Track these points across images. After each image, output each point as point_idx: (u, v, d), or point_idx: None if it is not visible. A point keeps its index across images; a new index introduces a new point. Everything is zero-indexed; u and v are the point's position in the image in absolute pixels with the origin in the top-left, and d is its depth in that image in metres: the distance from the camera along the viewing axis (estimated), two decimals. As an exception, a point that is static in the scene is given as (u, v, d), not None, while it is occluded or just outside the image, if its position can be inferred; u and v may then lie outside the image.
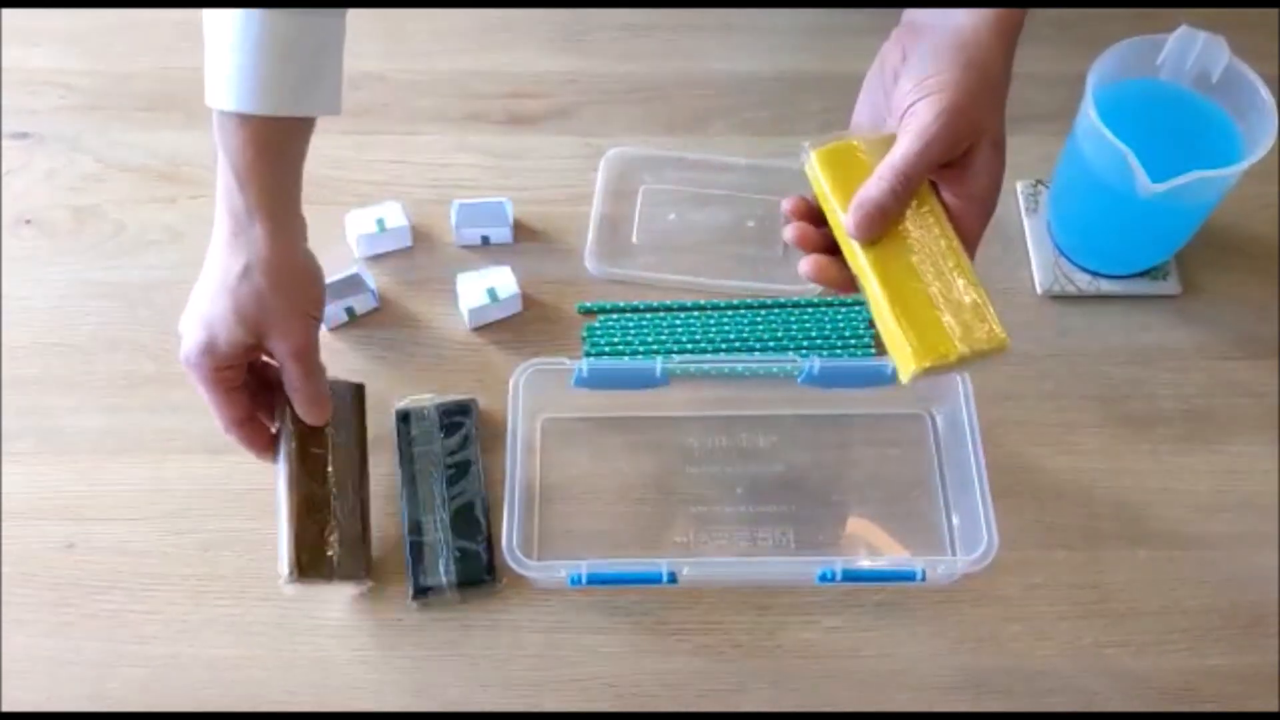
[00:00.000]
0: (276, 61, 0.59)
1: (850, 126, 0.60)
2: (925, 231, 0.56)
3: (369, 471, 0.71)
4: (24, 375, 0.76)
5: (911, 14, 0.59)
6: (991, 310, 0.55)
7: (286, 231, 0.64)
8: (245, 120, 0.60)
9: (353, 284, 0.78)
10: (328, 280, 0.77)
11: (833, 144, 0.58)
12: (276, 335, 0.64)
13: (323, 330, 0.78)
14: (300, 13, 0.59)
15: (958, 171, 0.56)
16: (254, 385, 0.67)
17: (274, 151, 0.61)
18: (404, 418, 0.74)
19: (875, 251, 0.56)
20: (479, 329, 0.79)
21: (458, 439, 0.73)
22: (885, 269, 0.56)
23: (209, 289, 0.63)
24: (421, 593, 0.68)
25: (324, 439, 0.69)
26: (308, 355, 0.66)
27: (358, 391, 0.72)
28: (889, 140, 0.56)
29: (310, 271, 0.66)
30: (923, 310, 0.55)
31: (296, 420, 0.67)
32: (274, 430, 0.68)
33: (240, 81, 0.59)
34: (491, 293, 0.78)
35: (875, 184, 0.55)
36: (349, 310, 0.78)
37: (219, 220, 0.63)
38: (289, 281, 0.64)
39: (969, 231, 0.57)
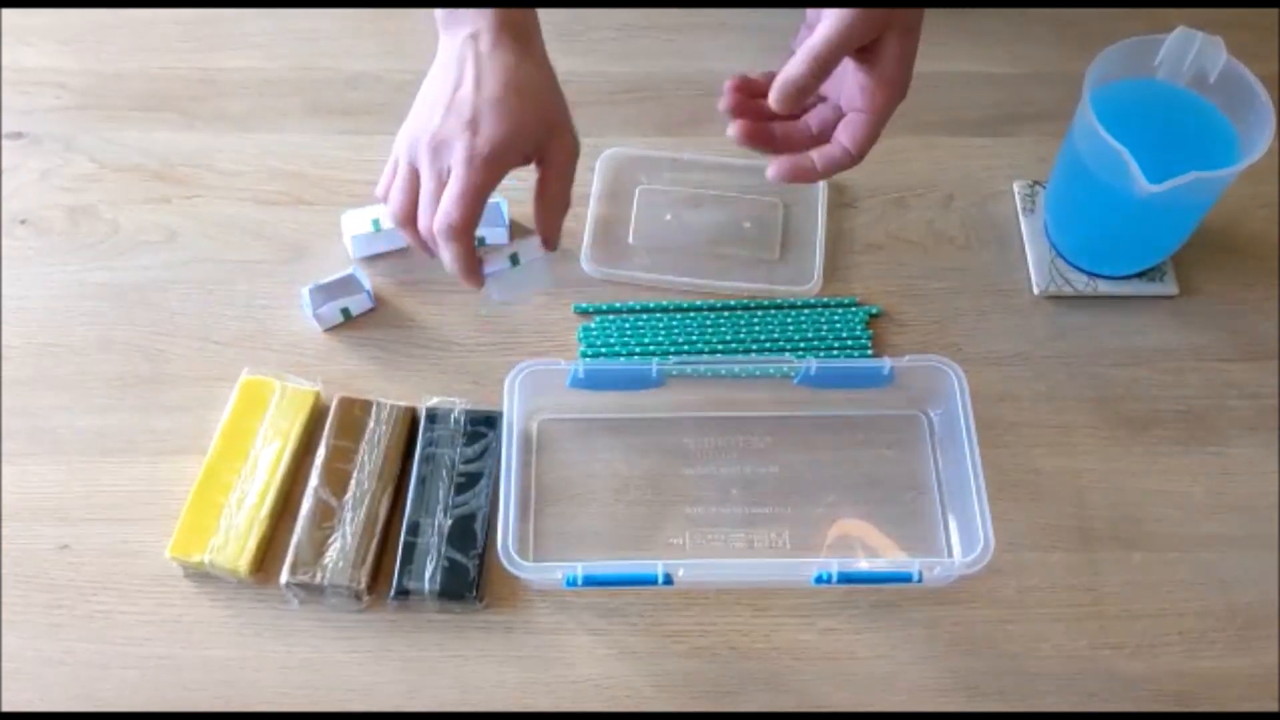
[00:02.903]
0: None
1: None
2: (266, 458, 0.71)
3: (404, 494, 0.71)
4: (18, 376, 0.76)
5: None
6: (254, 543, 0.68)
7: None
8: None
9: (348, 284, 0.78)
10: (321, 281, 0.78)
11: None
12: (565, 137, 0.69)
13: (318, 331, 0.78)
14: None
15: (870, 55, 0.64)
16: None
17: None
18: (431, 417, 0.73)
19: (220, 449, 0.71)
20: (470, 326, 0.79)
21: (477, 449, 0.73)
22: (215, 466, 0.71)
23: (498, 91, 0.66)
24: (402, 594, 0.68)
25: (354, 457, 0.71)
26: (574, 163, 0.70)
27: (407, 414, 0.74)
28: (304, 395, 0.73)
29: None
30: (210, 512, 0.69)
31: (332, 436, 0.72)
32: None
33: None
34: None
35: (796, 65, 0.62)
36: (344, 311, 0.78)
37: (472, 50, 0.67)
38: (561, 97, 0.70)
39: (881, 109, 0.64)
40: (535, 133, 0.67)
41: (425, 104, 0.68)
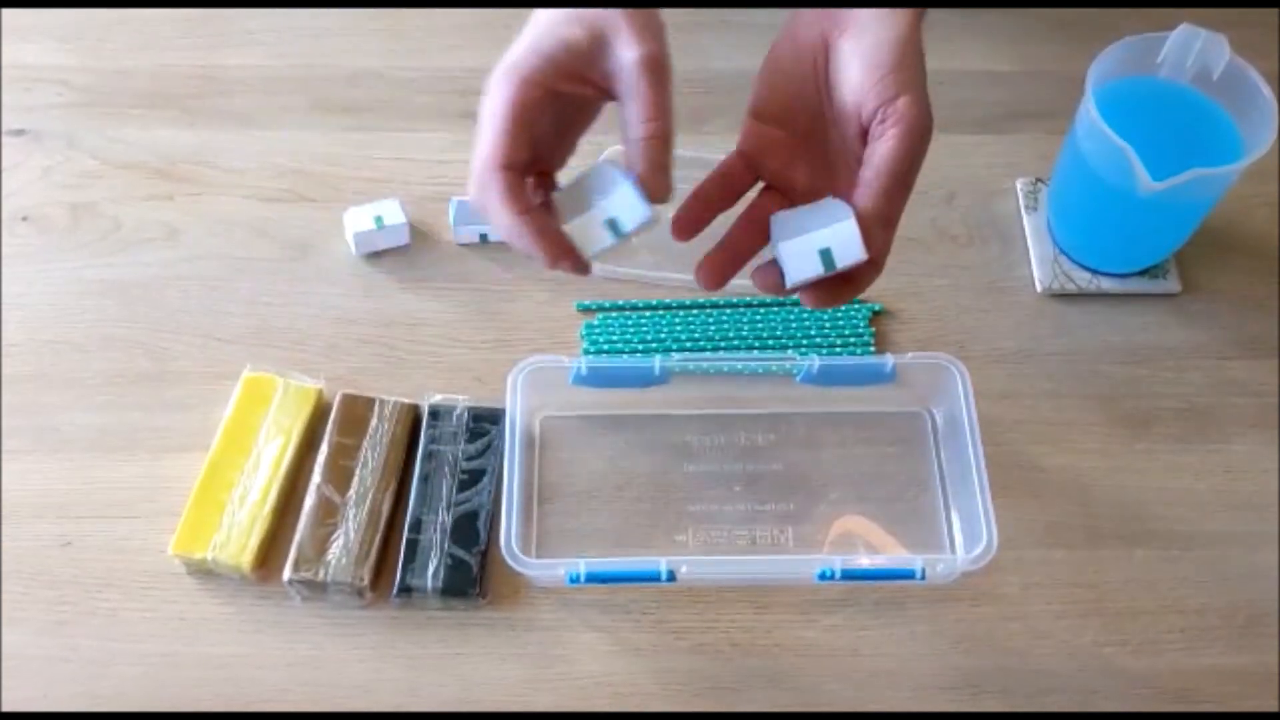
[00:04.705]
0: None
1: (750, 104, 0.58)
2: (269, 455, 0.71)
3: (406, 491, 0.71)
4: (20, 373, 0.76)
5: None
6: (257, 540, 0.68)
7: None
8: None
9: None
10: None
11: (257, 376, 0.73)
12: (627, 34, 0.52)
13: (320, 328, 0.78)
14: None
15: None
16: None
17: None
18: (433, 414, 0.73)
19: (223, 446, 0.71)
20: (474, 323, 0.79)
21: (479, 446, 0.73)
22: (217, 463, 0.70)
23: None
24: (404, 591, 0.68)
25: (357, 453, 0.71)
26: (663, 62, 0.52)
27: (409, 411, 0.74)
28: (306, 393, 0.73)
29: None
30: (212, 509, 0.69)
31: (334, 433, 0.72)
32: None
33: None
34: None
35: (876, 196, 0.52)
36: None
37: None
38: None
39: (892, 212, 0.53)
40: (573, 39, 0.51)
41: None
